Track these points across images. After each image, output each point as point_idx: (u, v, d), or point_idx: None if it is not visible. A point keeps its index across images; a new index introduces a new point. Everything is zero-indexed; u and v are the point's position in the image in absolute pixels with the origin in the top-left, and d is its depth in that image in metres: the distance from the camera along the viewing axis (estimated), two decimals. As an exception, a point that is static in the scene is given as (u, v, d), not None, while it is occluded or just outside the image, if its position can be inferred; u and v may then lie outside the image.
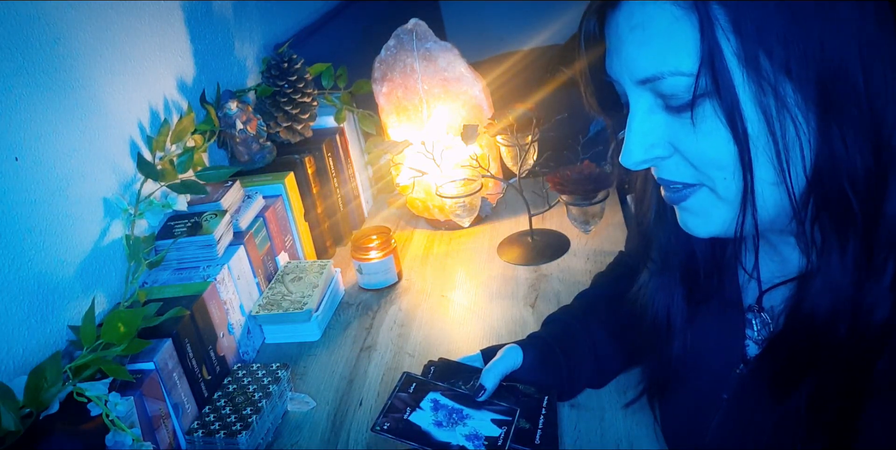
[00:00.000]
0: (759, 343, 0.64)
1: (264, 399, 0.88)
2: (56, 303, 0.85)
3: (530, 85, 2.40)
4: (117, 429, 0.72)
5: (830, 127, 0.47)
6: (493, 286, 1.15)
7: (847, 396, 0.52)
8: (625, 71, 0.52)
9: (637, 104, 0.52)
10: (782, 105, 0.47)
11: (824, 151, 0.48)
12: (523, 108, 1.16)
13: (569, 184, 1.10)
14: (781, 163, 0.48)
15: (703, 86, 0.47)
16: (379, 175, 1.49)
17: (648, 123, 0.52)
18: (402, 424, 0.70)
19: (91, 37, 0.95)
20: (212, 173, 1.03)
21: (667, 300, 0.67)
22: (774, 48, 0.46)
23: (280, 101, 1.24)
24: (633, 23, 0.50)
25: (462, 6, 3.01)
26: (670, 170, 0.54)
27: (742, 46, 0.46)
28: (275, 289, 1.10)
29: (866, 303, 0.50)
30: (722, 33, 0.46)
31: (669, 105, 0.51)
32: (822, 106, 0.47)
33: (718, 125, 0.49)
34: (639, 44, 0.50)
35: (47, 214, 0.85)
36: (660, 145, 0.53)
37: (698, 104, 0.49)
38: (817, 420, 0.54)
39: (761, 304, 0.64)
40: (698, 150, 0.51)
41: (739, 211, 0.51)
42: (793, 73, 0.46)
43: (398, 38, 1.24)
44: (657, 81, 0.50)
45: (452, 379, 0.77)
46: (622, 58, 0.51)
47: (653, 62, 0.49)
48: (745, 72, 0.47)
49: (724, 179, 0.51)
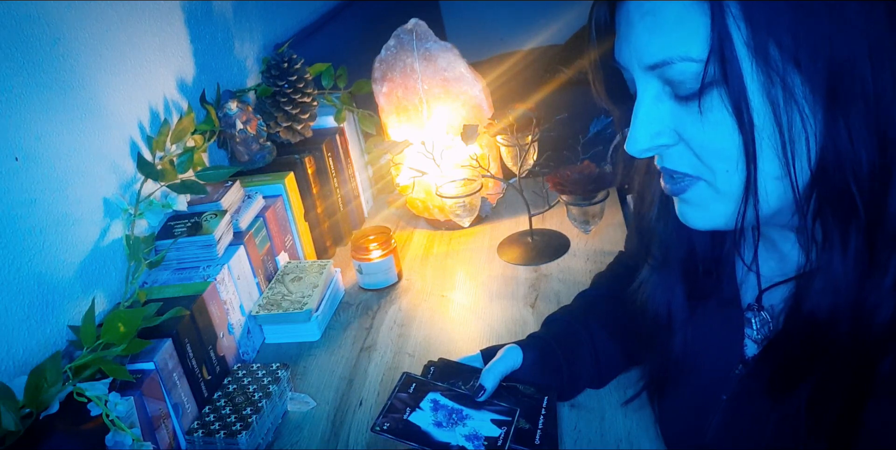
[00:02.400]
0: (759, 343, 0.64)
1: (264, 399, 0.88)
2: (56, 303, 0.85)
3: (530, 85, 2.41)
4: (117, 429, 0.72)
5: (837, 121, 0.47)
6: (493, 286, 1.15)
7: (848, 398, 0.52)
8: (634, 56, 0.52)
9: (644, 91, 0.52)
10: (790, 96, 0.47)
11: (829, 144, 0.48)
12: (523, 109, 1.16)
13: (569, 184, 1.10)
14: (787, 155, 0.48)
15: (712, 73, 0.48)
16: (379, 175, 1.49)
17: (655, 111, 0.52)
18: (402, 424, 0.70)
19: (91, 37, 0.95)
20: (212, 173, 1.03)
21: (667, 296, 0.67)
22: (784, 39, 0.46)
23: (280, 101, 1.24)
24: (645, 9, 0.50)
25: (462, 6, 3.01)
26: (674, 159, 0.54)
27: (752, 35, 0.46)
28: (275, 289, 1.10)
29: (868, 303, 0.50)
30: (733, 21, 0.46)
31: (677, 93, 0.51)
32: (830, 99, 0.47)
33: (725, 115, 0.49)
34: (650, 29, 0.50)
35: (47, 214, 0.85)
36: (665, 133, 0.53)
37: (706, 93, 0.49)
38: (817, 422, 0.53)
39: (761, 302, 0.64)
40: (703, 139, 0.51)
41: (741, 203, 0.51)
42: (802, 65, 0.46)
43: (398, 38, 1.24)
44: (666, 67, 0.50)
45: (452, 379, 0.77)
46: (632, 43, 0.52)
47: (663, 47, 0.49)
48: (755, 61, 0.47)
49: (727, 171, 0.51)
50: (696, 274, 0.66)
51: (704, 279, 0.66)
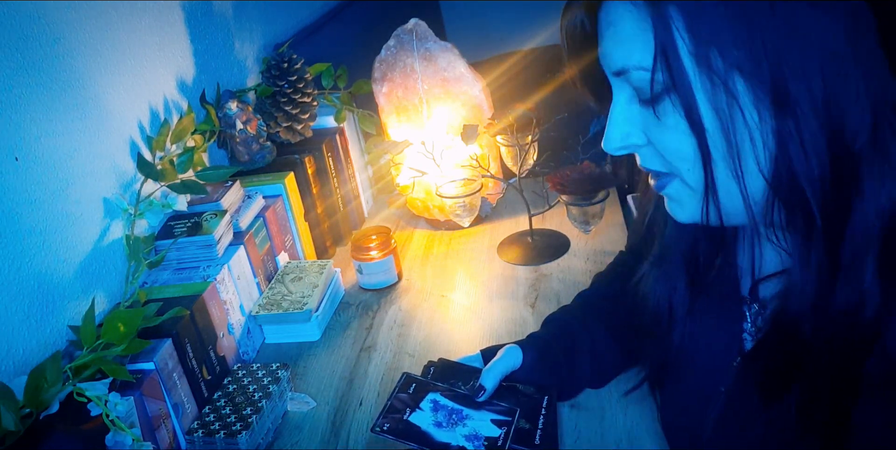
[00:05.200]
0: (753, 336, 0.65)
1: (264, 399, 0.88)
2: (56, 303, 0.85)
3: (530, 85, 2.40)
4: (117, 429, 0.72)
5: (786, 128, 0.48)
6: (493, 286, 1.15)
7: (837, 396, 0.52)
8: (605, 63, 0.55)
9: (618, 94, 0.56)
10: (734, 102, 0.49)
11: (781, 151, 0.49)
12: (523, 109, 1.16)
13: (569, 184, 1.10)
14: (733, 158, 0.50)
15: (661, 81, 0.50)
16: (379, 175, 1.49)
17: (626, 113, 0.55)
18: (402, 424, 0.70)
19: (91, 36, 0.95)
20: (212, 173, 1.03)
21: (669, 289, 0.69)
22: (726, 46, 0.48)
23: (280, 101, 1.24)
24: (609, 19, 0.53)
25: (462, 6, 3.01)
26: (646, 159, 0.57)
27: (695, 45, 0.48)
28: (275, 289, 1.10)
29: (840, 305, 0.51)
30: (677, 32, 0.48)
31: (641, 98, 0.54)
32: (777, 106, 0.48)
33: (679, 119, 0.51)
34: (612, 39, 0.53)
35: (47, 214, 0.85)
36: (635, 134, 0.56)
37: (661, 99, 0.51)
38: (808, 419, 0.54)
39: (754, 295, 0.64)
40: (664, 141, 0.54)
41: (703, 202, 0.53)
42: (745, 72, 0.48)
43: (398, 38, 1.24)
44: (626, 75, 0.53)
45: (452, 380, 0.77)
46: (602, 50, 0.55)
47: (622, 56, 0.52)
48: (698, 69, 0.49)
49: (689, 170, 0.53)
50: (697, 267, 0.67)
51: (705, 272, 0.67)
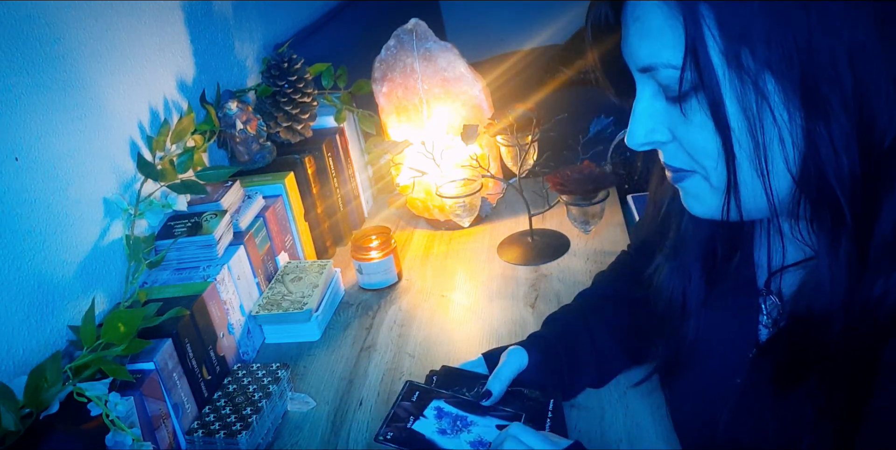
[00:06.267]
0: (769, 328, 0.64)
1: (264, 399, 0.88)
2: (56, 303, 0.85)
3: (530, 85, 2.41)
4: (117, 429, 0.72)
5: (817, 127, 0.48)
6: (493, 286, 1.15)
7: (852, 387, 0.52)
8: (629, 58, 0.55)
9: (643, 90, 0.55)
10: (763, 101, 0.48)
11: (811, 150, 0.49)
12: (523, 109, 1.16)
13: (569, 184, 1.10)
14: (760, 158, 0.50)
15: (689, 80, 0.50)
16: (379, 175, 1.49)
17: (651, 109, 0.55)
18: (406, 433, 0.70)
19: (91, 36, 0.95)
20: (212, 173, 1.03)
21: (683, 280, 0.68)
22: (757, 46, 0.47)
23: (280, 101, 1.24)
24: (636, 14, 0.52)
25: (462, 6, 3.01)
26: (670, 155, 0.57)
27: (725, 43, 0.48)
28: (275, 289, 1.10)
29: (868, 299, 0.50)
30: (707, 31, 0.48)
31: (668, 95, 0.53)
32: (807, 104, 0.48)
33: (705, 118, 0.51)
34: (639, 34, 0.52)
35: (47, 214, 0.85)
36: (659, 131, 0.55)
37: (688, 97, 0.51)
38: (823, 408, 0.54)
39: (769, 287, 0.64)
40: (690, 139, 0.53)
41: (724, 199, 0.53)
42: (775, 71, 0.47)
43: (398, 38, 1.24)
44: (654, 72, 0.52)
45: (456, 387, 0.77)
46: (627, 46, 0.54)
47: (649, 53, 0.52)
48: (728, 68, 0.48)
49: (714, 168, 0.53)
50: (713, 258, 0.67)
51: (722, 264, 0.67)
